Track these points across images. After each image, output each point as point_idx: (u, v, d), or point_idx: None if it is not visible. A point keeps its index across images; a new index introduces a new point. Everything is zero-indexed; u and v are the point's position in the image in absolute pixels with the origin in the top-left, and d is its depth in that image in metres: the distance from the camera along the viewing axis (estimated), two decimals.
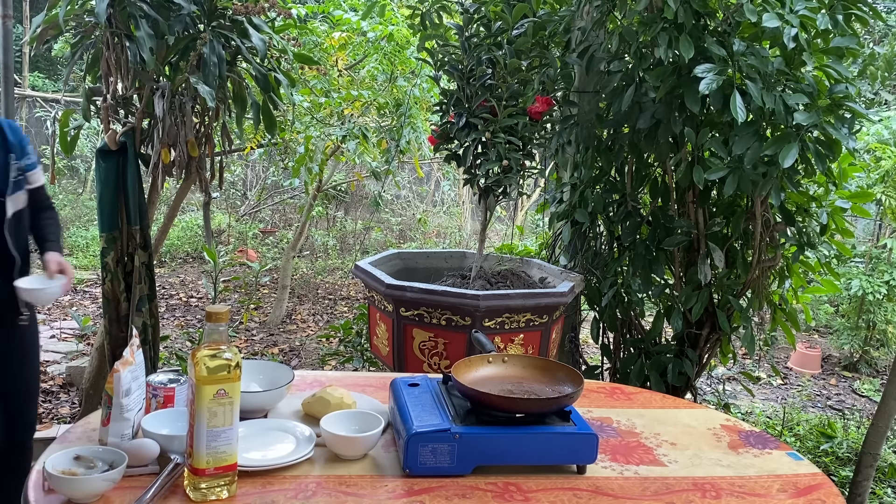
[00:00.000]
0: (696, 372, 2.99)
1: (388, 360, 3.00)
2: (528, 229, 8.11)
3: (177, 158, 2.77)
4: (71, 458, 1.32)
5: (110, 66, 2.71)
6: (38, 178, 2.24)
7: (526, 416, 1.47)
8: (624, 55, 2.87)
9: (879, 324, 5.67)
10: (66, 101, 6.11)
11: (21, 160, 2.12)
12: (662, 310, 3.03)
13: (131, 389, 1.41)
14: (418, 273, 3.38)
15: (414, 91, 4.76)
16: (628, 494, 1.40)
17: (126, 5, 2.61)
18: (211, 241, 5.97)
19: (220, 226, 8.41)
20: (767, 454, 1.64)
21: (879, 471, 3.52)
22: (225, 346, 1.29)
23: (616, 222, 3.03)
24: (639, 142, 2.83)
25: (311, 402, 1.65)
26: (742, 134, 2.43)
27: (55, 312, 5.61)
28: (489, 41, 3.08)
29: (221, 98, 2.86)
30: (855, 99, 2.48)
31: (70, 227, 7.95)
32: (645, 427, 1.75)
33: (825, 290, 3.27)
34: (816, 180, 2.80)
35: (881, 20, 2.77)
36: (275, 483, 1.35)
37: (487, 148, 2.99)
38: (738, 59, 2.43)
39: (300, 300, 6.58)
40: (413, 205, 9.91)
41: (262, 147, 5.05)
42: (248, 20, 2.84)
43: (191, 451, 1.27)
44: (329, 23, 4.76)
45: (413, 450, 1.39)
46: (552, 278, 3.17)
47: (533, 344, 2.85)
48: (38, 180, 2.24)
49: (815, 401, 5.01)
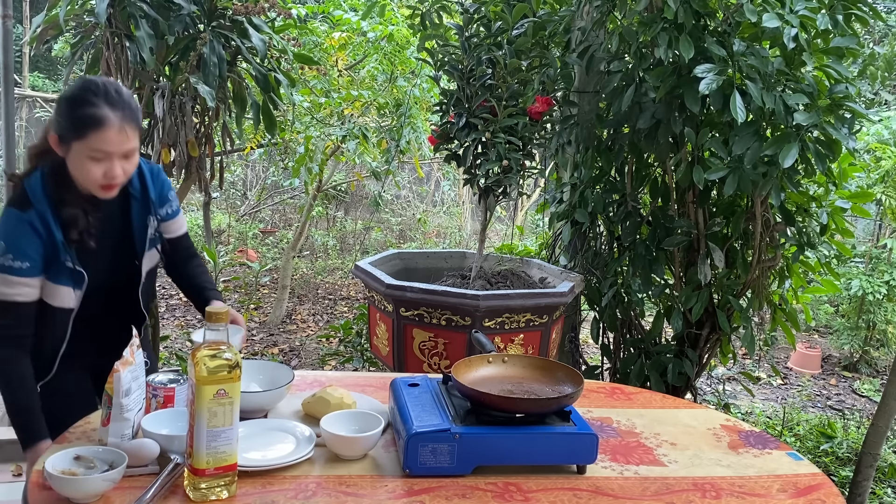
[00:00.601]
0: (696, 372, 2.99)
1: (388, 360, 3.00)
2: (528, 229, 8.11)
3: (177, 158, 2.77)
4: (71, 458, 1.32)
5: (110, 66, 2.71)
6: (181, 225, 1.95)
7: (526, 416, 1.47)
8: (624, 55, 2.87)
9: (879, 324, 5.67)
10: None
11: (161, 209, 1.87)
12: (662, 310, 3.03)
13: (131, 389, 1.41)
14: (418, 273, 3.38)
15: (414, 91, 4.76)
16: (628, 494, 1.40)
17: (126, 5, 2.61)
18: (211, 241, 5.97)
19: (220, 226, 8.40)
20: (767, 454, 1.64)
21: (879, 471, 3.52)
22: (225, 346, 1.29)
23: (616, 222, 3.03)
24: (639, 142, 2.83)
25: (311, 402, 1.65)
26: (742, 134, 2.43)
27: None
28: (489, 41, 3.08)
29: (221, 98, 2.86)
30: (855, 99, 2.48)
31: None
32: (645, 427, 1.75)
33: (825, 290, 3.27)
34: (816, 180, 2.79)
35: (881, 20, 2.77)
36: (275, 483, 1.35)
37: (487, 148, 2.99)
38: (738, 59, 2.43)
39: (300, 300, 6.58)
40: (413, 205, 9.91)
41: (262, 147, 5.05)
42: (248, 20, 2.84)
43: (191, 451, 1.27)
44: (329, 23, 4.76)
45: (413, 450, 1.39)
46: (552, 278, 3.17)
47: (533, 344, 2.85)
48: (181, 228, 1.96)
49: (815, 401, 5.01)
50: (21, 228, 1.63)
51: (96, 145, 1.59)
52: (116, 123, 1.59)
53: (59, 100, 1.66)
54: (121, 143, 1.61)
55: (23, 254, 1.62)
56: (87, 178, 1.63)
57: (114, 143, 1.60)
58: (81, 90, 1.61)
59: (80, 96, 1.60)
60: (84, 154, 1.60)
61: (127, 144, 1.63)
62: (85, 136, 1.58)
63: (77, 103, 1.60)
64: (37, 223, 1.63)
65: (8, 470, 2.94)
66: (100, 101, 1.59)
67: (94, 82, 1.63)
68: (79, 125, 1.59)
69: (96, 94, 1.60)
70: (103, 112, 1.58)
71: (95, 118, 1.58)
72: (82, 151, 1.60)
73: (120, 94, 1.63)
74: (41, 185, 1.66)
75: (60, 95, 1.68)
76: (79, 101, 1.60)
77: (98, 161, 1.61)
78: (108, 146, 1.60)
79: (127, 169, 1.66)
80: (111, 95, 1.61)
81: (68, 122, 1.61)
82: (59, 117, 1.63)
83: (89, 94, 1.60)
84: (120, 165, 1.63)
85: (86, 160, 1.61)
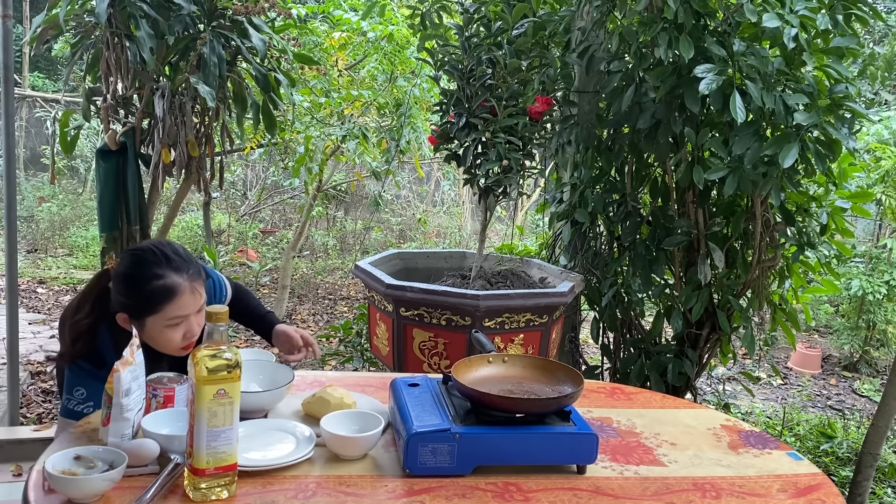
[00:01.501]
0: (696, 372, 2.99)
1: (388, 360, 3.00)
2: (528, 229, 8.11)
3: (177, 158, 2.77)
4: (71, 458, 1.32)
5: (110, 66, 2.71)
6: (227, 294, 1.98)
7: (526, 416, 1.47)
8: (624, 55, 2.87)
9: (879, 324, 5.67)
10: (66, 101, 6.11)
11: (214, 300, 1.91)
12: (662, 310, 3.03)
13: (131, 389, 1.41)
14: (418, 273, 3.38)
15: (414, 91, 4.75)
16: (628, 494, 1.40)
17: (126, 5, 2.61)
18: (211, 241, 5.96)
19: (220, 226, 8.40)
20: (767, 454, 1.64)
21: (879, 471, 3.52)
22: (225, 346, 1.29)
23: (616, 222, 3.03)
24: (639, 142, 2.83)
25: (311, 402, 1.65)
26: (742, 134, 2.43)
27: (55, 313, 5.61)
28: (489, 41, 3.08)
29: (221, 98, 2.86)
30: (855, 99, 2.48)
31: (70, 227, 7.95)
32: (645, 427, 1.75)
33: (825, 290, 3.27)
34: (816, 180, 2.79)
35: (881, 20, 2.77)
36: (275, 483, 1.35)
37: (487, 148, 2.99)
38: (738, 59, 2.43)
39: (300, 300, 6.58)
40: (413, 205, 9.91)
41: (262, 147, 5.05)
42: (248, 20, 2.84)
43: (191, 451, 1.27)
44: (329, 23, 4.76)
45: (413, 450, 1.39)
46: (552, 278, 3.17)
47: (533, 344, 2.85)
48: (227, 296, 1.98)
49: (815, 401, 5.01)
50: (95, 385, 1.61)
51: (173, 314, 1.59)
52: (188, 286, 1.60)
53: (116, 278, 1.63)
54: (195, 303, 1.62)
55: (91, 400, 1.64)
56: (167, 345, 1.65)
57: (190, 307, 1.61)
58: (141, 266, 1.60)
59: (141, 273, 1.59)
60: (161, 325, 1.60)
61: (200, 301, 1.64)
62: (161, 310, 1.58)
63: (142, 280, 1.59)
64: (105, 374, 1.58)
65: (8, 470, 2.94)
66: (165, 271, 1.59)
67: (149, 252, 1.62)
68: (153, 301, 1.58)
69: (158, 264, 1.59)
70: (173, 281, 1.59)
71: (167, 290, 1.58)
72: (159, 323, 1.60)
73: (178, 255, 1.63)
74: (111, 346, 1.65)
75: (117, 272, 1.64)
76: (142, 277, 1.59)
77: (176, 326, 1.62)
78: (185, 311, 1.61)
79: (201, 322, 1.65)
80: (172, 260, 1.61)
81: (139, 300, 1.59)
82: (125, 297, 1.61)
83: (151, 268, 1.59)
84: (196, 322, 1.65)
85: (164, 330, 1.61)
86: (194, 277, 1.63)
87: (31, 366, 4.18)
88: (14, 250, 3.03)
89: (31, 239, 7.83)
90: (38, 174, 9.31)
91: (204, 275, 1.71)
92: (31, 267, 6.96)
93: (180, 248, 1.68)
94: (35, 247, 7.72)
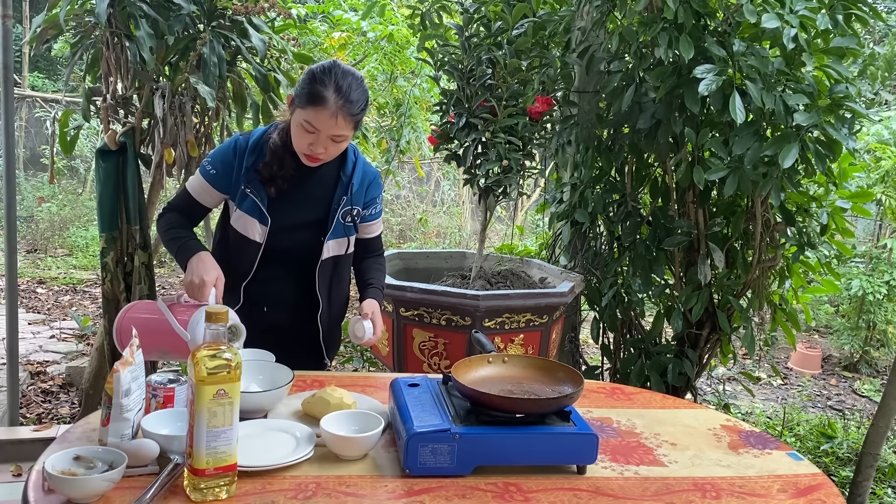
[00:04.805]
0: (696, 372, 2.99)
1: (388, 361, 3.00)
2: (528, 229, 8.11)
3: (177, 158, 2.77)
4: (71, 458, 1.32)
5: (110, 66, 2.71)
6: (376, 229, 2.14)
7: (526, 417, 1.47)
8: (624, 55, 2.87)
9: (879, 324, 5.67)
10: (66, 101, 6.11)
11: (365, 210, 2.05)
12: (662, 310, 3.03)
13: (131, 389, 1.41)
14: (418, 273, 3.38)
15: (414, 91, 4.76)
16: (628, 495, 1.40)
17: (126, 5, 2.61)
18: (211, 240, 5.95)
19: None
20: (767, 454, 1.64)
21: (880, 471, 3.51)
22: (225, 346, 1.29)
23: (616, 222, 3.03)
24: (639, 142, 2.83)
25: (311, 402, 1.65)
26: (742, 134, 2.43)
27: (55, 313, 5.61)
28: (489, 41, 3.08)
29: (221, 98, 2.86)
30: (855, 99, 2.48)
31: (70, 227, 7.94)
32: (645, 427, 1.75)
33: (825, 290, 3.27)
34: (816, 180, 2.79)
35: (881, 20, 2.77)
36: (275, 483, 1.35)
37: (487, 148, 2.99)
38: (738, 59, 2.43)
39: None
40: (413, 205, 9.90)
41: None
42: (247, 20, 2.84)
43: (191, 451, 1.27)
44: (329, 23, 4.76)
45: (413, 450, 1.39)
46: (552, 278, 3.17)
47: (533, 344, 2.85)
48: (374, 231, 2.14)
49: (816, 401, 5.01)
50: (226, 145, 1.95)
51: (309, 118, 1.78)
52: (332, 108, 1.76)
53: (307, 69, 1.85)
54: (330, 126, 1.78)
55: (217, 161, 1.94)
56: (295, 142, 1.85)
57: (323, 123, 1.77)
58: (322, 69, 1.80)
59: (318, 74, 1.79)
60: (299, 121, 1.80)
61: (335, 130, 1.79)
62: (304, 108, 1.78)
63: (314, 78, 1.78)
64: (239, 145, 1.93)
65: (7, 470, 2.94)
66: (329, 84, 1.76)
67: (337, 65, 1.81)
68: (305, 97, 1.78)
69: (331, 76, 1.77)
70: (327, 94, 1.75)
71: (317, 96, 1.76)
72: (299, 118, 1.80)
73: (350, 87, 1.78)
74: (264, 130, 1.97)
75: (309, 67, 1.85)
76: (316, 77, 1.78)
77: (307, 132, 1.80)
78: (317, 123, 1.78)
79: (330, 151, 1.85)
80: (341, 84, 1.77)
81: (301, 91, 1.80)
82: (300, 83, 1.82)
83: (326, 74, 1.77)
84: (324, 145, 1.82)
85: (299, 127, 1.81)
86: (344, 111, 1.77)
87: (30, 366, 4.18)
88: (14, 250, 3.03)
89: (31, 239, 7.82)
90: (38, 174, 9.31)
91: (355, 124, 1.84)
92: (30, 267, 6.95)
93: (360, 90, 1.82)
94: (35, 247, 7.71)
